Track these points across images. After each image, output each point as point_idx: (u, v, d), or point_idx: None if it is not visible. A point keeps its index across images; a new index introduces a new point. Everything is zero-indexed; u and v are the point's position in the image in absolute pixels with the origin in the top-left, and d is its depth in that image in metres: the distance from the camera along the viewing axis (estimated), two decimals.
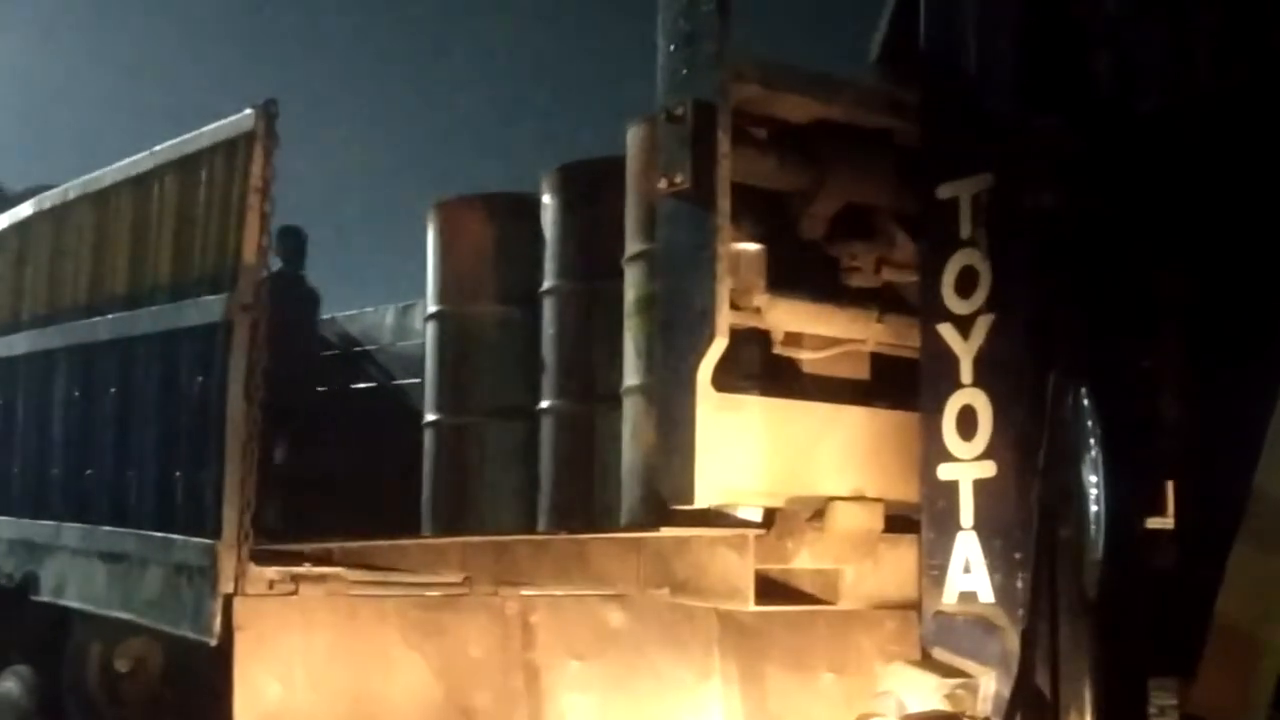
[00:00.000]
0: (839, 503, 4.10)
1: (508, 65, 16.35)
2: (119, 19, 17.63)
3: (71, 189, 5.41)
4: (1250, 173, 3.51)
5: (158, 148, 4.79)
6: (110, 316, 4.96)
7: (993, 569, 3.65)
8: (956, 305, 3.80)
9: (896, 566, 4.13)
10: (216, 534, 3.98)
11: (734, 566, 4.12)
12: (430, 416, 5.80)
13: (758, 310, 4.06)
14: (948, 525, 3.76)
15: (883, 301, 4.29)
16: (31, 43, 17.51)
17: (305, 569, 4.17)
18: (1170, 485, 3.51)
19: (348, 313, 8.17)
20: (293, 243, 8.03)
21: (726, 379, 3.91)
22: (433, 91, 16.96)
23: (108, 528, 4.73)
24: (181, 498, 4.34)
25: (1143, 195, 3.58)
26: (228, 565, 3.93)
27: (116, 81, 17.32)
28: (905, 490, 4.00)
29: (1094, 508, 3.40)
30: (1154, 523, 3.50)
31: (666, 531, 4.24)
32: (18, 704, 5.35)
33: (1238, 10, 3.51)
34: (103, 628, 4.87)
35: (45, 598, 5.10)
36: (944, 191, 3.87)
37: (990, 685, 3.61)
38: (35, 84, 17.23)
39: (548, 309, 5.33)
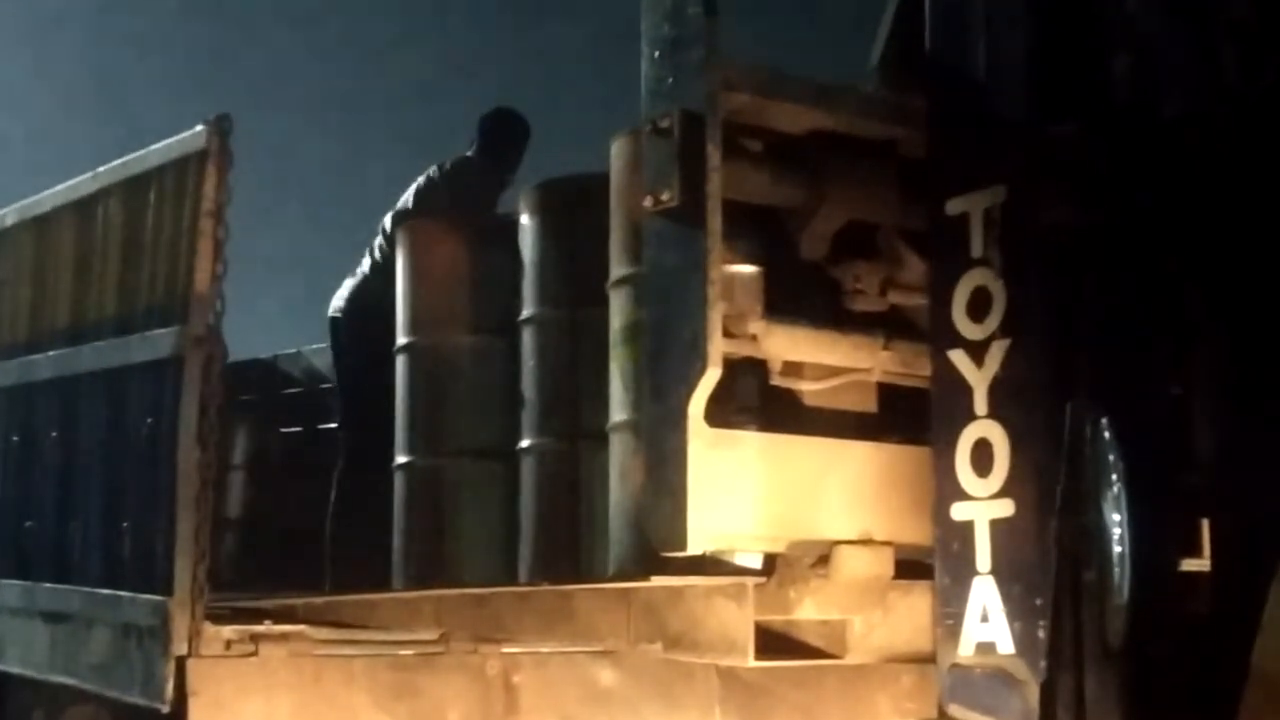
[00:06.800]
0: (845, 547, 4.11)
1: (481, 68, 16.22)
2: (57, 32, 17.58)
3: (8, 215, 5.43)
4: None
5: (101, 169, 4.80)
6: (51, 354, 4.97)
7: (1012, 617, 3.66)
8: (969, 330, 3.82)
9: (909, 616, 4.16)
10: (168, 590, 3.97)
11: (732, 618, 4.13)
12: (401, 459, 5.81)
13: (753, 338, 4.08)
14: (963, 570, 3.78)
15: (889, 327, 4.31)
16: None
17: (266, 627, 4.16)
18: (1205, 523, 3.50)
19: (313, 346, 8.15)
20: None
21: (720, 413, 3.93)
22: (398, 98, 16.89)
23: (49, 585, 4.73)
24: (129, 551, 4.34)
25: (1168, 207, 3.60)
26: (180, 624, 3.92)
27: (55, 99, 17.29)
28: (917, 532, 4.02)
29: (1118, 548, 3.42)
30: (1187, 564, 3.51)
31: (658, 581, 4.26)
32: None
33: (1268, 4, 3.53)
34: (45, 694, 4.85)
35: None
36: (953, 206, 3.90)
37: None
38: None
39: (527, 339, 5.35)
